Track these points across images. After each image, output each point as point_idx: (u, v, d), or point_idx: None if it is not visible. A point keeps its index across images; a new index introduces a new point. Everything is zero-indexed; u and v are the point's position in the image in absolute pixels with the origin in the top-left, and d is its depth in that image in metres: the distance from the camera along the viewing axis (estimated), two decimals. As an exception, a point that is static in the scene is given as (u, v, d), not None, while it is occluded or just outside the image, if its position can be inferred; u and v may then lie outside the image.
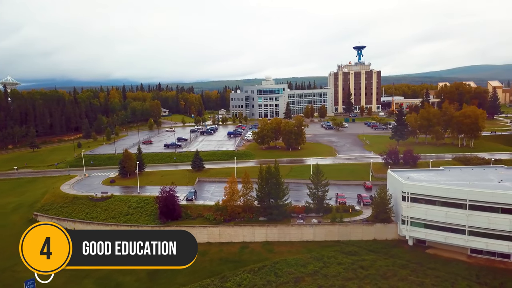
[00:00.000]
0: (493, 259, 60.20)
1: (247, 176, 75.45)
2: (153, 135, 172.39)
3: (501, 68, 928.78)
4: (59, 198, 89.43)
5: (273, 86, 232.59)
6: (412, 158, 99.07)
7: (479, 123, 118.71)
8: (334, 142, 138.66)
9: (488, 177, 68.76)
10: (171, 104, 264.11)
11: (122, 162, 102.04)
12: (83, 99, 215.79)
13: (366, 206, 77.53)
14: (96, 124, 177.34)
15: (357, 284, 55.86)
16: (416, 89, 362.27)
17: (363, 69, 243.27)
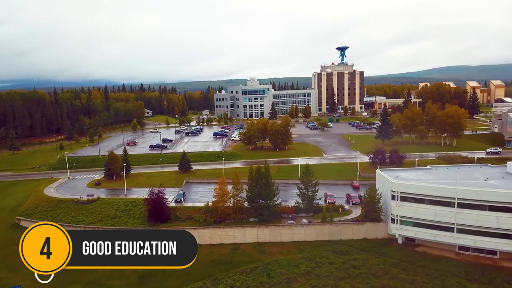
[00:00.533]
0: (480, 256, 61.42)
1: (237, 177, 75.05)
2: (137, 136, 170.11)
3: (477, 69, 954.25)
4: (43, 201, 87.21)
5: (258, 86, 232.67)
6: (398, 158, 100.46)
7: (461, 123, 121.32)
8: (320, 142, 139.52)
9: (474, 175, 70.23)
10: (154, 105, 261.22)
11: (107, 164, 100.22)
12: (64, 100, 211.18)
13: (355, 206, 78.18)
14: (78, 126, 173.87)
15: (350, 283, 56.16)
16: (397, 89, 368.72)
17: (346, 70, 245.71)
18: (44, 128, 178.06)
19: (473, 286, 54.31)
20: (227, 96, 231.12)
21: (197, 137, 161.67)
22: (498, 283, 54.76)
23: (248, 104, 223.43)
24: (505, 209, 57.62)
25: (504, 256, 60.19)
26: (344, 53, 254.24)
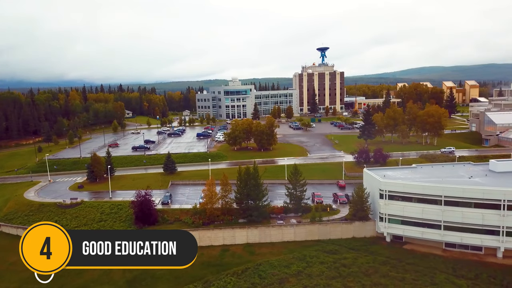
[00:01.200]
0: (466, 252, 62.92)
1: (226, 178, 74.61)
2: (119, 137, 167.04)
3: (450, 69, 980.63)
4: (24, 206, 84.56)
5: (240, 87, 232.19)
6: (382, 157, 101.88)
7: (442, 122, 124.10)
8: (304, 142, 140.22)
9: (458, 173, 71.88)
10: (134, 106, 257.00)
11: (90, 166, 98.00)
12: (41, 101, 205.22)
13: (342, 205, 78.89)
14: (56, 127, 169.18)
15: (341, 282, 56.54)
16: (375, 89, 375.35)
17: (327, 70, 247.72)
18: (21, 130, 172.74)
19: (461, 282, 55.50)
20: (209, 97, 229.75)
21: (180, 138, 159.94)
22: (484, 279, 56.14)
23: (230, 104, 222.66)
24: (490, 206, 59.23)
25: (489, 251, 61.80)
26: (324, 53, 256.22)
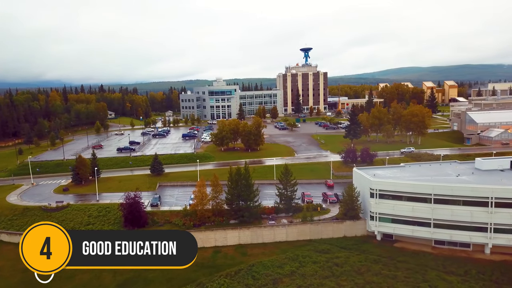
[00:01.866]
0: (455, 249, 64.16)
1: (216, 179, 74.11)
2: (102, 139, 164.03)
3: (428, 70, 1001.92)
4: (6, 210, 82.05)
5: (225, 87, 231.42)
6: (369, 156, 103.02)
7: (425, 121, 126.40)
8: (291, 142, 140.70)
9: (445, 171, 73.23)
10: (116, 106, 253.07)
11: (75, 169, 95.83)
12: (20, 101, 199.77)
13: (332, 204, 79.42)
14: (37, 129, 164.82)
15: (335, 281, 56.88)
16: (357, 89, 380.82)
17: (310, 71, 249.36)
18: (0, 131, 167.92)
19: (451, 278, 56.63)
20: (193, 97, 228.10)
21: (165, 139, 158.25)
22: (474, 275, 57.39)
23: (215, 105, 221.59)
24: (478, 203, 60.56)
25: (477, 248, 63.21)
26: (308, 54, 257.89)
